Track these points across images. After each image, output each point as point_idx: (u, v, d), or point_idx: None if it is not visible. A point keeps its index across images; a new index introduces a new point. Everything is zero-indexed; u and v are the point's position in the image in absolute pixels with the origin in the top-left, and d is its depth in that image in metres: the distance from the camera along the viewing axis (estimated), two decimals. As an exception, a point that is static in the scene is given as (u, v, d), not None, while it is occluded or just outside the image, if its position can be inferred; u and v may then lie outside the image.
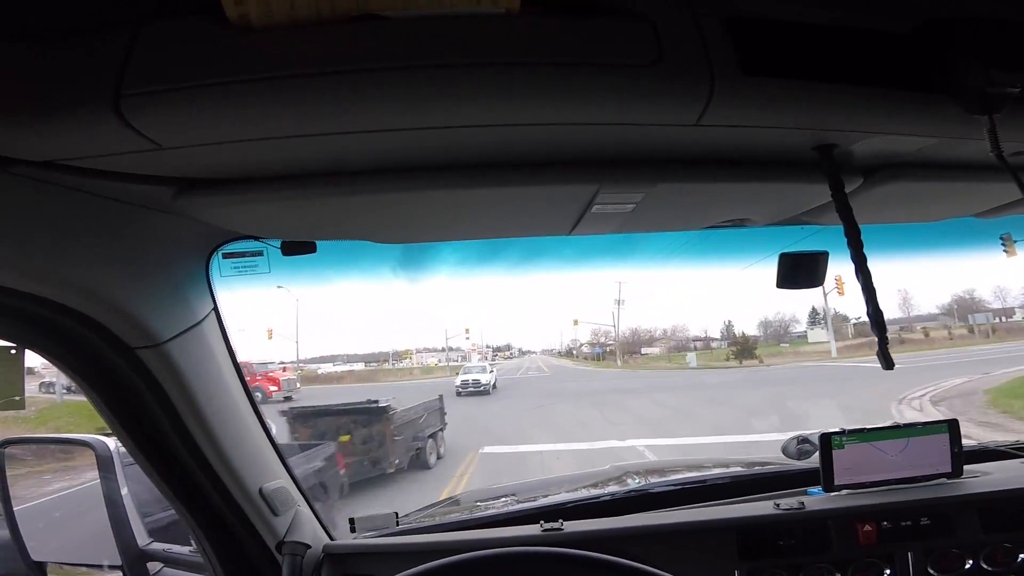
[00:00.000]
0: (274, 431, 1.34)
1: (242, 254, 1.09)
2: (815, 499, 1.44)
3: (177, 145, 0.69)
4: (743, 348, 24.70)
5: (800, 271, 1.09)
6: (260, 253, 1.10)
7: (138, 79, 0.60)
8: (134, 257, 0.93)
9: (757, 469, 1.75)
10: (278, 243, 1.11)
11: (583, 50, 0.63)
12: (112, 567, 1.40)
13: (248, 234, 1.07)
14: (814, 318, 26.33)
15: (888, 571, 1.32)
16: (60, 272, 0.84)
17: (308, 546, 1.33)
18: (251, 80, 0.60)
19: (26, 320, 0.89)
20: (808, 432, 1.71)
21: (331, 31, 0.61)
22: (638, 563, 1.05)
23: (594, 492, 1.74)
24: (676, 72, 0.64)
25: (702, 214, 1.12)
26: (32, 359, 0.96)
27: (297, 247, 1.12)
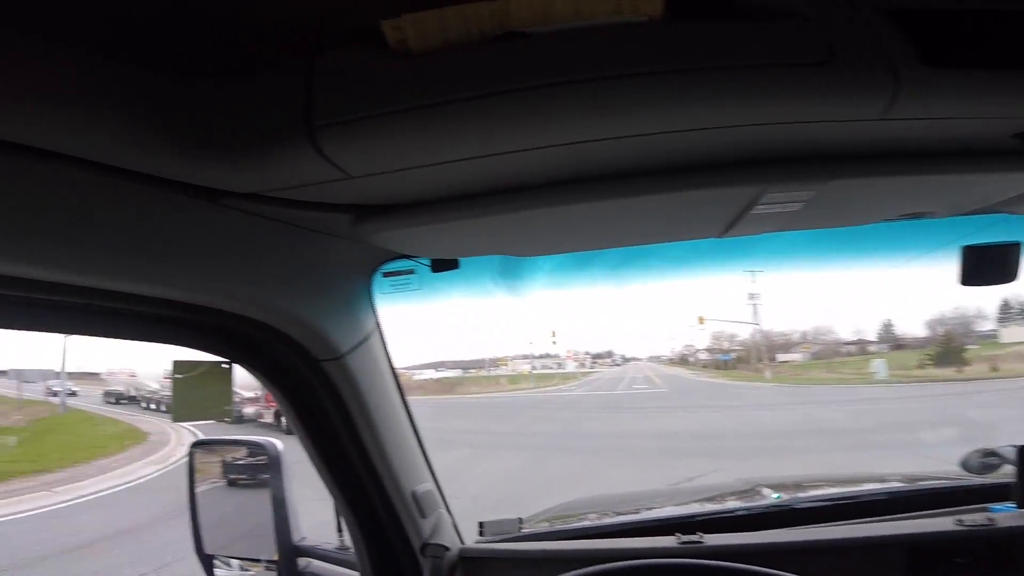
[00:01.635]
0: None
1: (398, 273, 1.23)
2: (1005, 516, 1.34)
3: (362, 173, 0.77)
4: (946, 352, 19.50)
5: (988, 265, 1.04)
6: (412, 271, 1.23)
7: (326, 110, 0.66)
8: (317, 279, 1.09)
9: (922, 484, 1.66)
10: (427, 261, 1.23)
11: (743, 52, 0.65)
12: (269, 561, 1.54)
13: (408, 254, 1.19)
14: (1006, 313, 21.66)
15: None
16: (263, 295, 0.99)
17: (448, 549, 1.45)
18: (423, 106, 0.66)
19: (236, 339, 1.07)
20: (998, 446, 1.61)
21: (481, 52, 0.66)
22: None
23: (730, 505, 1.71)
24: (854, 68, 0.65)
25: (878, 209, 1.09)
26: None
27: (444, 264, 1.23)
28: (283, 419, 1.36)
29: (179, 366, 1.08)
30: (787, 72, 0.65)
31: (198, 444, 1.62)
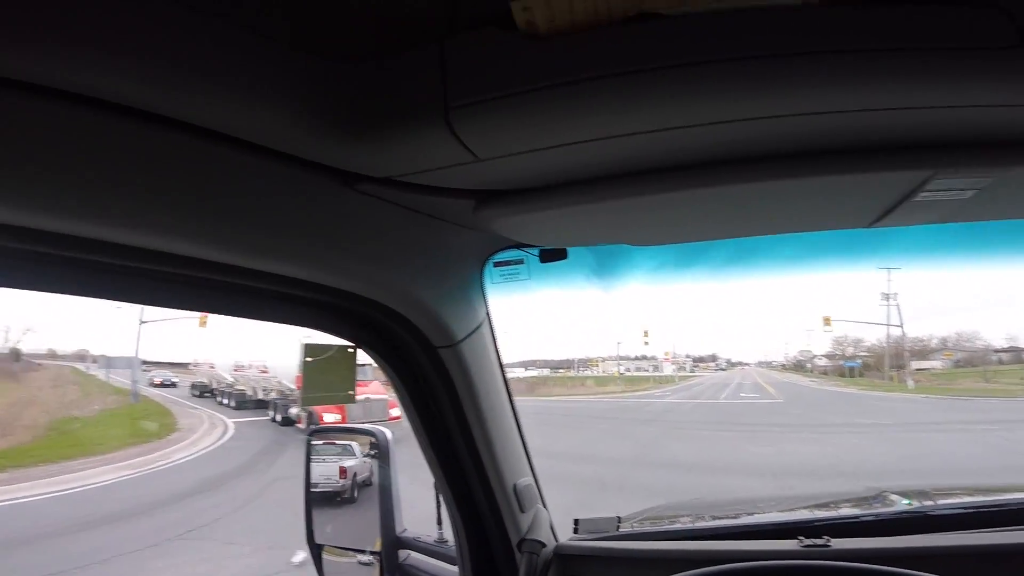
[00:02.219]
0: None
1: (508, 263, 1.25)
2: None
3: (491, 156, 0.79)
4: None
5: None
6: (522, 261, 1.25)
7: (460, 92, 0.69)
8: (437, 266, 1.13)
9: None
10: (535, 251, 1.24)
11: (919, 34, 0.61)
12: (373, 552, 1.61)
13: (522, 242, 1.21)
14: None
15: None
16: (390, 279, 1.04)
17: (544, 545, 1.44)
18: (553, 86, 0.67)
19: (361, 323, 1.14)
20: None
21: (613, 32, 0.65)
22: None
23: (854, 511, 1.59)
24: None
25: None
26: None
27: (553, 254, 1.24)
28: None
29: (310, 349, 1.13)
30: (971, 55, 0.62)
31: (314, 432, 1.72)
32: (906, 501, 1.57)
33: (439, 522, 1.61)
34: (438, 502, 1.53)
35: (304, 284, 0.98)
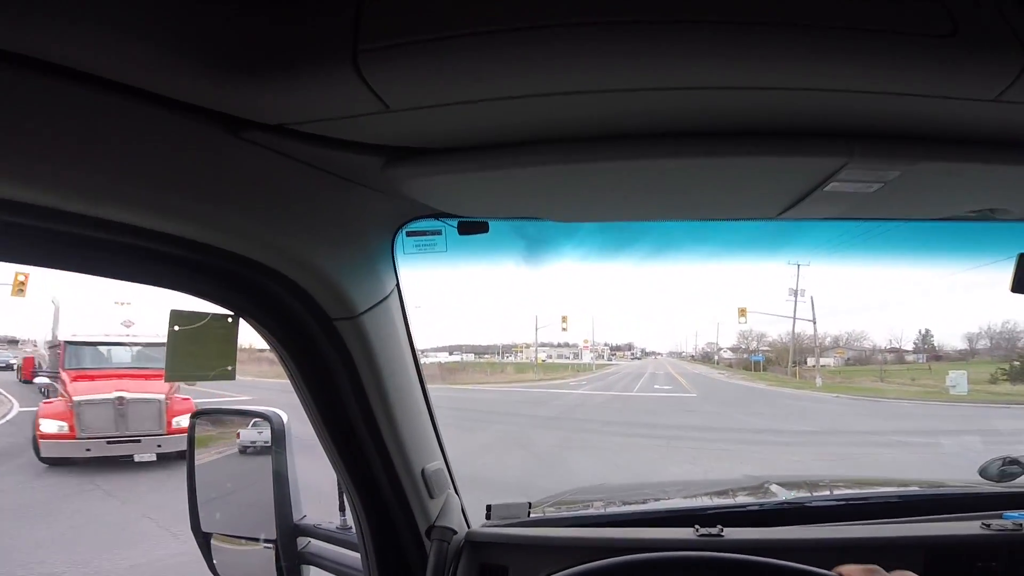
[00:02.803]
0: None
1: (423, 232, 1.17)
2: None
3: (403, 107, 0.72)
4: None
5: None
6: (439, 232, 1.17)
7: (374, 33, 0.62)
8: (339, 230, 1.03)
9: (936, 490, 1.70)
10: (454, 223, 1.18)
11: (861, 15, 0.61)
12: (268, 540, 1.52)
13: (439, 210, 1.13)
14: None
15: None
16: (280, 239, 0.93)
17: (455, 532, 1.41)
18: (474, 34, 0.61)
19: (244, 289, 1.01)
20: (1019, 454, 1.65)
21: None
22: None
23: (741, 500, 1.75)
24: (978, 45, 0.62)
25: (954, 201, 1.06)
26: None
27: (472, 227, 1.18)
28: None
29: (178, 316, 0.99)
30: (904, 40, 0.62)
31: (199, 413, 1.60)
32: (785, 493, 1.74)
33: (341, 508, 1.56)
34: (340, 487, 1.47)
35: (179, 241, 0.87)
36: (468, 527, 1.54)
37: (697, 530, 1.40)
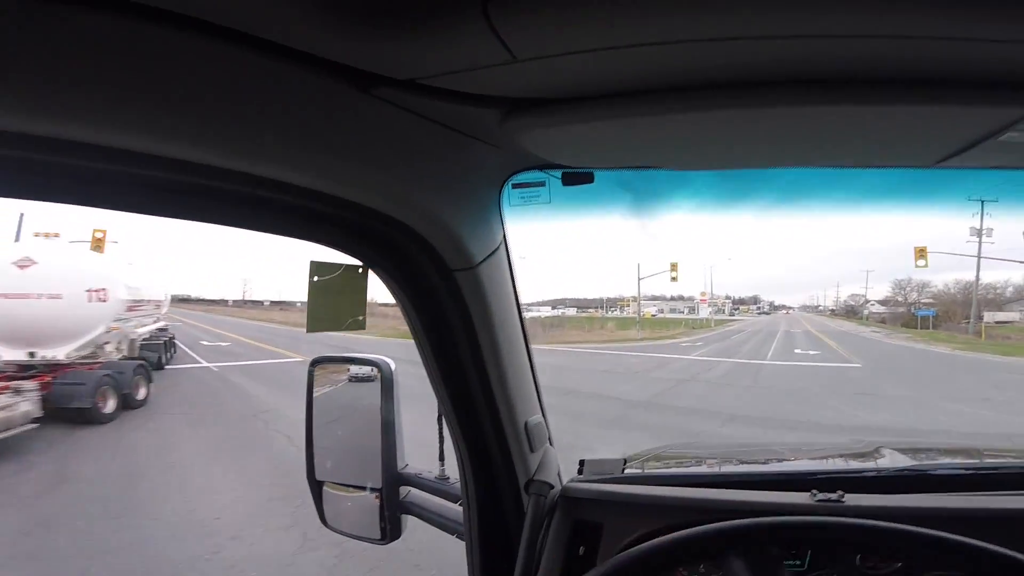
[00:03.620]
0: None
1: (528, 184, 1.25)
2: None
3: (529, 56, 0.77)
4: None
5: None
6: (543, 183, 1.25)
7: None
8: (456, 183, 1.13)
9: None
10: (558, 174, 1.24)
11: None
12: (373, 489, 1.70)
13: (552, 160, 1.20)
14: None
15: None
16: (406, 193, 1.04)
17: (551, 487, 1.51)
18: None
19: (372, 241, 1.13)
20: None
21: None
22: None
23: (857, 464, 1.77)
24: None
25: None
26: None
27: (577, 177, 1.24)
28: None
29: (317, 267, 1.11)
30: None
31: (316, 361, 1.76)
32: (904, 457, 1.74)
33: (441, 458, 1.69)
34: (441, 436, 1.60)
35: (313, 195, 0.97)
36: (562, 482, 1.62)
37: (814, 495, 1.41)
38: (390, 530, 1.71)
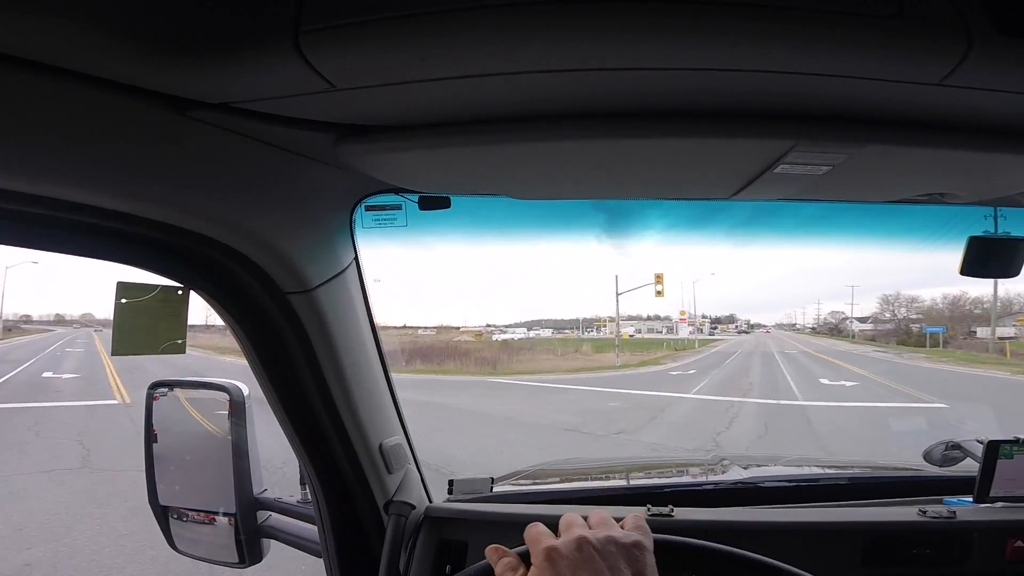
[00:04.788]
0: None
1: (383, 207, 1.31)
2: (965, 509, 1.65)
3: (349, 86, 0.81)
4: None
5: (992, 258, 1.35)
6: (399, 207, 1.31)
7: (316, 14, 0.69)
8: (292, 206, 1.14)
9: (881, 473, 2.09)
10: (415, 198, 1.32)
11: None
12: (227, 514, 1.82)
13: (396, 185, 1.25)
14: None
15: None
16: (231, 215, 1.04)
17: (413, 507, 1.61)
18: (418, 14, 0.69)
19: (196, 263, 1.12)
20: (962, 439, 1.96)
21: None
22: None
23: (697, 479, 2.08)
24: (923, 27, 0.70)
25: (902, 185, 1.22)
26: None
27: (433, 202, 1.32)
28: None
29: (126, 289, 1.10)
30: (850, 20, 0.69)
31: (156, 385, 1.79)
32: (740, 472, 2.06)
33: (302, 482, 1.78)
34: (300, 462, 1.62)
35: (130, 218, 0.99)
36: (431, 502, 1.74)
37: (649, 509, 1.64)
38: (248, 554, 1.83)
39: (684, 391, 17.78)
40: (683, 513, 1.64)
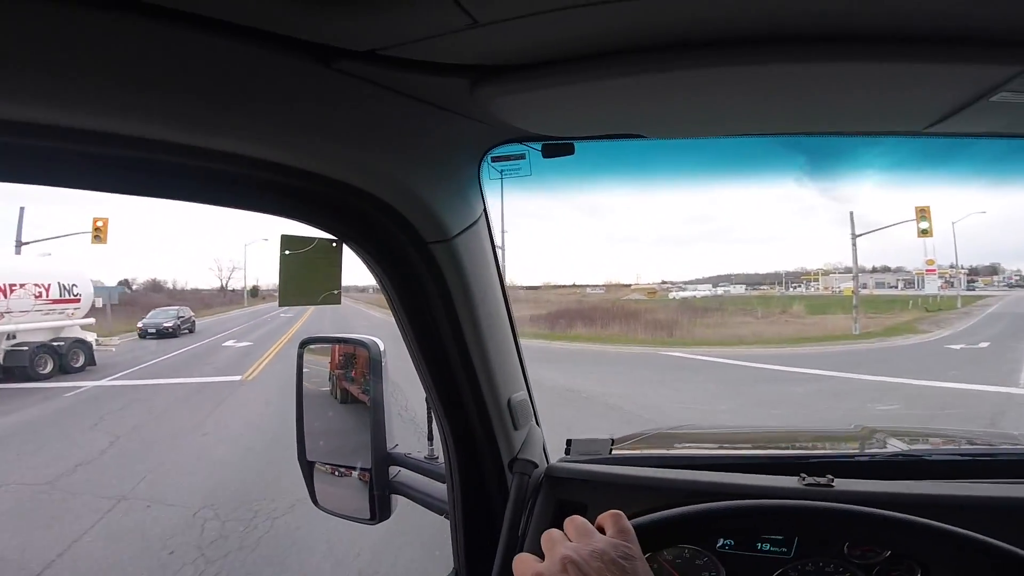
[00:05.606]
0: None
1: (507, 157, 1.48)
2: None
3: (492, 19, 0.90)
4: None
5: None
6: (523, 156, 1.48)
7: None
8: (431, 156, 1.29)
9: None
10: (538, 146, 1.46)
11: None
12: (364, 469, 2.30)
13: (525, 130, 1.39)
14: None
15: None
16: (376, 165, 1.20)
17: (536, 465, 1.78)
18: None
19: (347, 215, 1.30)
20: None
21: None
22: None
23: (851, 449, 2.15)
24: None
25: None
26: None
27: (557, 149, 1.46)
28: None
29: (288, 241, 1.31)
30: None
31: (305, 342, 2.19)
32: (902, 443, 2.08)
33: (429, 437, 2.14)
34: (429, 416, 1.96)
35: (284, 169, 1.14)
36: (548, 461, 1.92)
37: (803, 479, 1.70)
38: (379, 510, 2.24)
39: (1010, 381, 12.14)
40: (843, 484, 1.70)
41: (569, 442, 2.09)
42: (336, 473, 2.45)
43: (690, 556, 1.72)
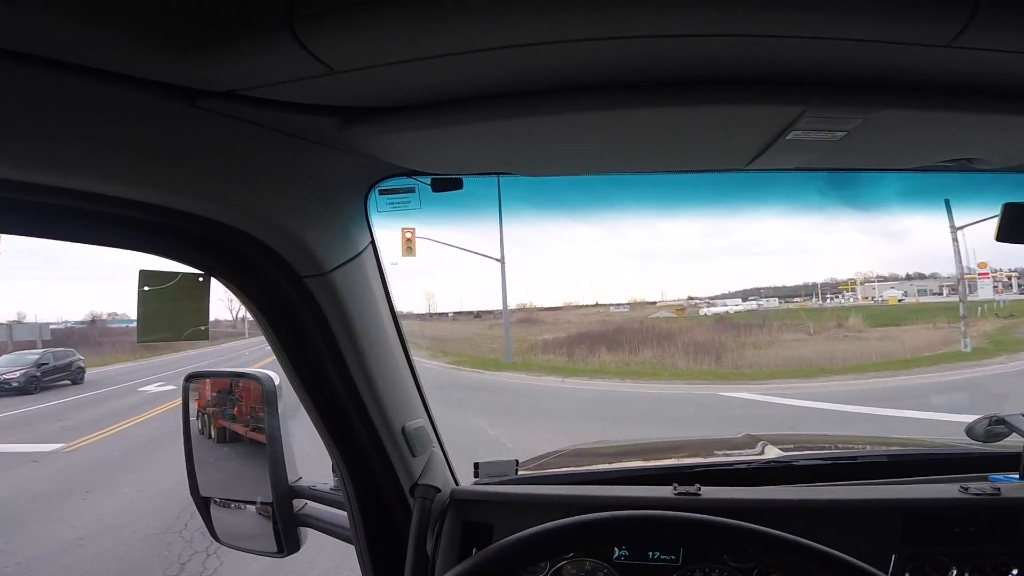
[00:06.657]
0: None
1: (396, 190, 1.53)
2: (1010, 486, 1.84)
3: (348, 68, 0.95)
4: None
5: None
6: (412, 190, 1.54)
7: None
8: (304, 190, 1.33)
9: (921, 449, 2.38)
10: (428, 180, 1.53)
11: None
12: (264, 503, 2.39)
13: (405, 167, 1.44)
14: None
15: None
16: (244, 201, 1.22)
17: (439, 490, 1.87)
18: None
19: (214, 249, 1.32)
20: (1006, 414, 2.22)
21: None
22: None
23: (728, 458, 2.33)
24: None
25: (925, 150, 1.37)
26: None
27: (446, 183, 1.54)
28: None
29: (148, 277, 1.31)
30: None
31: (192, 376, 2.21)
32: (774, 451, 2.29)
33: (334, 469, 2.18)
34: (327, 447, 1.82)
35: (144, 206, 1.17)
36: (456, 485, 2.01)
37: (675, 488, 1.91)
38: (286, 543, 2.35)
39: None
40: (711, 492, 1.89)
41: (476, 465, 2.29)
42: (234, 507, 2.53)
43: (591, 568, 1.97)
